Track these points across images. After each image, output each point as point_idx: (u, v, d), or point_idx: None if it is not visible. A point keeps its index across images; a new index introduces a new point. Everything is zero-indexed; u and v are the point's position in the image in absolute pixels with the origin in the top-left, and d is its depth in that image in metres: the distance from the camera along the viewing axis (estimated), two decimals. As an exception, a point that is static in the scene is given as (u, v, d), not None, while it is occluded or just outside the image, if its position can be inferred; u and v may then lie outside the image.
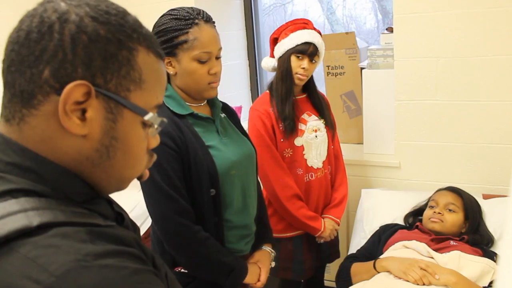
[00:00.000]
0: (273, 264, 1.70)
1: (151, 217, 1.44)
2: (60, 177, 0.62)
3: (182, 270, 1.46)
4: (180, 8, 1.40)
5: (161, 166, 1.35)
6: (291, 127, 1.98)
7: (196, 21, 1.37)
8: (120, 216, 0.75)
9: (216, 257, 1.44)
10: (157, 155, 1.35)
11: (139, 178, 0.74)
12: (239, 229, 1.54)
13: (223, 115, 1.59)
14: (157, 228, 1.43)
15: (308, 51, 1.95)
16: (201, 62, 1.38)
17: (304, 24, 1.99)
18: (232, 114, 1.65)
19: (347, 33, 2.74)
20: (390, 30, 2.52)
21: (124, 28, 0.63)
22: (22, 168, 0.60)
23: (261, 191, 1.76)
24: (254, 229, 1.63)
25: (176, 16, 1.37)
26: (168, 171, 1.36)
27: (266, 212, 1.80)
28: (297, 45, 1.94)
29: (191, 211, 1.41)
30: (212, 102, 1.55)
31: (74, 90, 0.59)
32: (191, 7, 1.41)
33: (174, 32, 1.36)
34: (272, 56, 2.06)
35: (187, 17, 1.37)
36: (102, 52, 0.61)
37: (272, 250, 1.71)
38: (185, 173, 1.41)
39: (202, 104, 1.52)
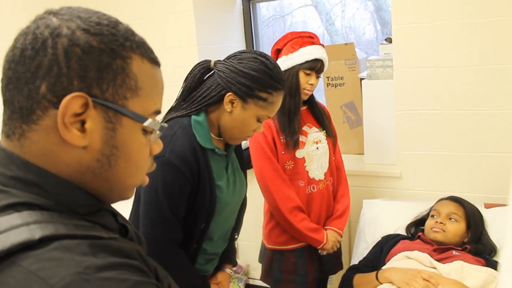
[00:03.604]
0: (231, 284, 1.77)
1: (141, 232, 1.41)
2: (63, 190, 0.63)
3: None
4: (273, 64, 1.41)
5: (172, 192, 1.36)
6: (296, 141, 1.99)
7: (280, 87, 1.42)
8: (124, 228, 0.75)
9: (191, 278, 1.48)
10: (171, 180, 1.33)
11: (139, 185, 0.75)
12: (210, 255, 1.59)
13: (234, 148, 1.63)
14: (147, 244, 1.43)
15: (317, 67, 1.96)
16: (259, 121, 1.44)
17: (311, 38, 2.00)
18: (238, 146, 1.68)
19: (346, 44, 2.75)
20: (389, 40, 2.54)
21: (117, 38, 0.64)
22: (24, 182, 0.60)
23: (243, 210, 1.75)
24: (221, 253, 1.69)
25: (270, 73, 1.39)
26: (177, 199, 1.38)
27: (237, 231, 1.81)
28: (307, 62, 1.94)
29: (180, 237, 1.43)
30: None
31: (71, 102, 0.59)
32: (279, 69, 1.44)
33: (261, 85, 1.38)
34: None
35: (277, 80, 1.40)
36: (96, 63, 0.61)
37: (231, 271, 1.76)
38: (188, 203, 1.43)
39: (222, 138, 1.53)
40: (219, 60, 1.45)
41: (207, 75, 1.45)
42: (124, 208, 0.85)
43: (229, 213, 1.57)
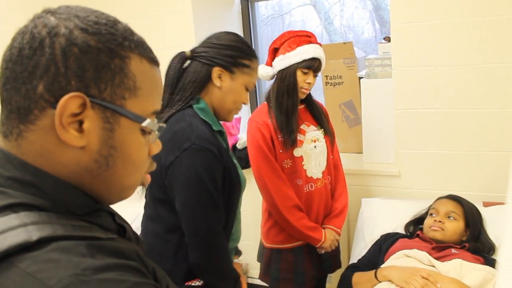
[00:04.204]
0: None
1: (189, 229, 1.39)
2: (60, 190, 0.62)
3: (197, 284, 1.46)
4: (244, 37, 1.55)
5: (214, 176, 1.38)
6: (294, 140, 1.99)
7: (256, 56, 1.53)
8: (122, 228, 0.75)
9: (231, 266, 1.50)
10: (210, 164, 1.36)
11: (141, 184, 0.74)
12: (233, 242, 1.61)
13: None
14: (195, 240, 1.40)
15: (314, 66, 1.96)
16: (247, 89, 1.51)
17: (308, 37, 1.99)
18: None
19: (345, 43, 2.75)
20: (388, 39, 2.54)
21: (115, 37, 0.63)
22: (22, 182, 0.60)
23: None
24: None
25: (245, 42, 1.50)
26: (219, 182, 1.40)
27: None
28: (304, 61, 1.94)
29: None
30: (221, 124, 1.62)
31: (69, 102, 0.59)
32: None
33: (242, 53, 1.46)
34: (269, 64, 2.06)
35: (252, 49, 1.52)
36: (94, 63, 0.61)
37: (241, 261, 1.80)
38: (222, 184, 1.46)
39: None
40: (194, 47, 1.52)
41: (186, 65, 1.51)
42: (122, 208, 0.84)
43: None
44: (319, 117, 2.11)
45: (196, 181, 1.35)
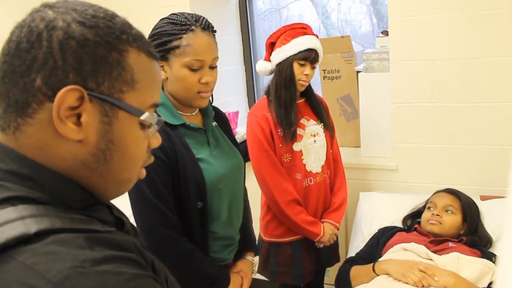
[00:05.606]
0: (254, 272, 1.70)
1: (137, 227, 1.40)
2: (58, 184, 0.62)
3: None
4: (180, 13, 1.39)
5: (151, 178, 1.33)
6: (293, 134, 1.99)
7: (193, 27, 1.34)
8: (120, 221, 0.75)
9: (201, 268, 1.43)
10: (146, 167, 1.34)
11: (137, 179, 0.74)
12: (224, 240, 1.54)
13: (214, 123, 1.57)
14: (143, 238, 1.41)
15: (310, 57, 1.95)
16: (192, 69, 1.35)
17: (304, 29, 1.99)
18: (223, 121, 1.64)
19: (342, 37, 2.75)
20: (385, 33, 2.53)
21: (113, 30, 0.63)
22: (19, 175, 0.60)
23: (246, 199, 1.76)
24: (238, 238, 1.63)
25: (173, 21, 1.36)
26: (157, 183, 1.34)
27: (250, 219, 1.79)
28: (300, 52, 1.93)
29: (178, 223, 1.40)
30: (205, 111, 1.53)
31: (67, 95, 0.59)
32: (193, 14, 1.40)
33: (168, 37, 1.34)
34: (268, 59, 2.06)
35: (184, 23, 1.35)
36: (92, 56, 0.61)
37: (253, 259, 1.71)
38: (174, 185, 1.39)
39: (193, 113, 1.50)
40: None
41: None
42: (122, 204, 0.84)
43: (228, 188, 1.51)
44: (319, 111, 2.11)
45: (135, 187, 1.36)
